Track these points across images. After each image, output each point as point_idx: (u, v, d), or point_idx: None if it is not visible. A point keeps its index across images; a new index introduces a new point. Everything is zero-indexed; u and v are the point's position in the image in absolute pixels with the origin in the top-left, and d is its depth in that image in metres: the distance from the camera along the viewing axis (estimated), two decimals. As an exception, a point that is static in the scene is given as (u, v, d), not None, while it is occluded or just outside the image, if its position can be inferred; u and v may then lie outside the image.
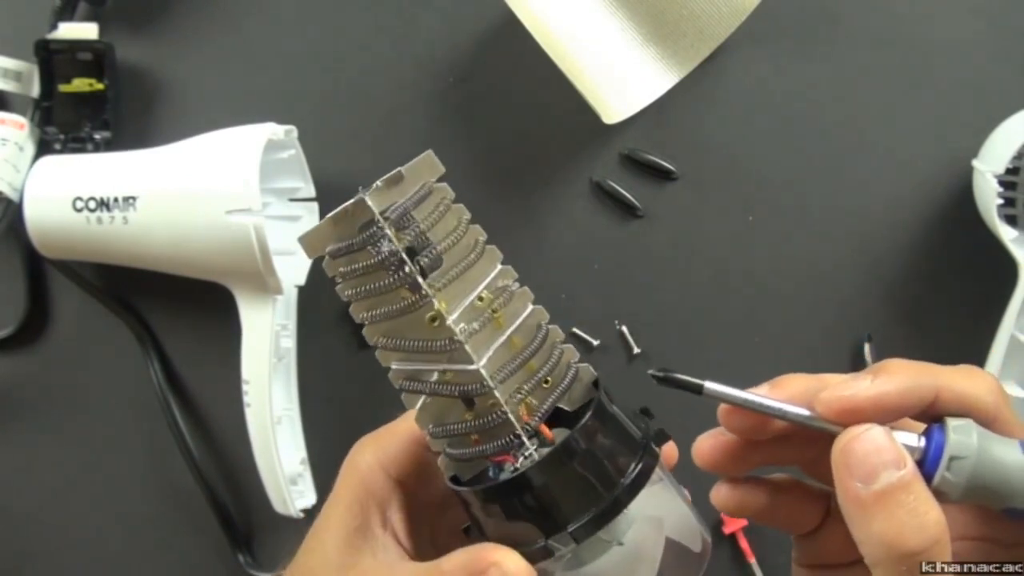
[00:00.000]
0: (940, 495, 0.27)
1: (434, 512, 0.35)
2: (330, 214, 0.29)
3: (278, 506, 0.53)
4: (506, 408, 0.29)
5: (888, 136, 0.54)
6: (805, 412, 0.28)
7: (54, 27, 0.55)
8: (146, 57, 0.56)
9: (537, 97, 0.55)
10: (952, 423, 0.27)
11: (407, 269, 0.28)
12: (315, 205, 0.55)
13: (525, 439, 0.29)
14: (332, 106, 0.56)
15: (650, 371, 0.29)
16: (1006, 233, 0.49)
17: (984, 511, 0.29)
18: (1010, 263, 0.50)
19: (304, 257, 0.55)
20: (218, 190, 0.48)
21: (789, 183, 0.54)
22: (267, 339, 0.51)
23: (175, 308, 0.57)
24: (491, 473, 0.30)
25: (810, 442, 0.29)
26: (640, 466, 0.29)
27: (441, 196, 0.30)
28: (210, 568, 0.57)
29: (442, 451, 0.30)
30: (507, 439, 0.29)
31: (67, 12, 0.55)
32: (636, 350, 0.54)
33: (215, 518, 0.56)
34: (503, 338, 0.30)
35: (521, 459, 0.29)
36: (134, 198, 0.50)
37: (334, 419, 0.56)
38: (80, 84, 0.55)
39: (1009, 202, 0.51)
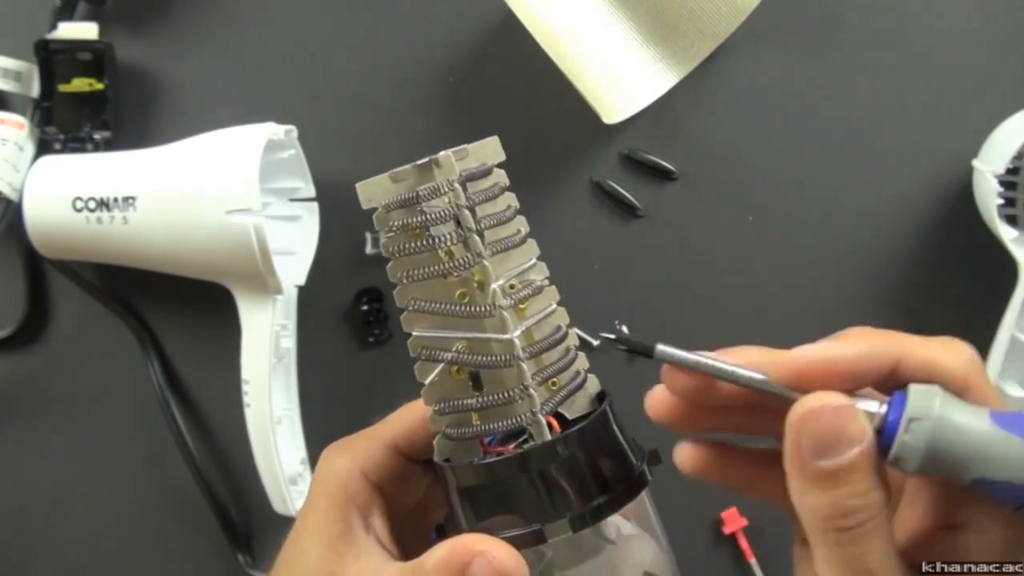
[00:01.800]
0: (900, 462, 0.25)
1: (410, 518, 0.34)
2: (393, 170, 0.29)
3: (278, 506, 0.53)
4: (529, 383, 0.29)
5: (888, 136, 0.54)
6: (759, 376, 0.27)
7: (54, 27, 0.54)
8: (146, 57, 0.56)
9: (537, 97, 0.55)
10: (915, 387, 0.26)
11: (471, 226, 0.29)
12: (315, 205, 0.55)
13: (540, 417, 0.29)
14: (332, 106, 0.56)
15: (602, 334, 0.29)
16: (1006, 233, 0.49)
17: (952, 494, 0.28)
18: (1010, 263, 0.50)
19: (304, 257, 0.56)
20: (218, 190, 0.48)
21: (789, 183, 0.54)
22: (267, 339, 0.51)
23: (175, 308, 0.57)
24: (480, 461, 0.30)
25: (761, 414, 0.29)
26: (639, 473, 0.29)
27: (498, 179, 0.31)
28: (210, 568, 0.57)
29: (441, 431, 0.30)
30: (521, 416, 0.29)
31: (67, 12, 0.55)
32: (636, 350, 0.54)
33: (215, 518, 0.56)
34: (527, 323, 0.30)
35: (515, 445, 0.29)
36: (134, 198, 0.50)
37: (334, 419, 0.56)
38: (80, 84, 0.55)
39: (1009, 202, 0.51)
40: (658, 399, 0.30)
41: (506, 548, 0.28)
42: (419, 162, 0.29)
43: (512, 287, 0.30)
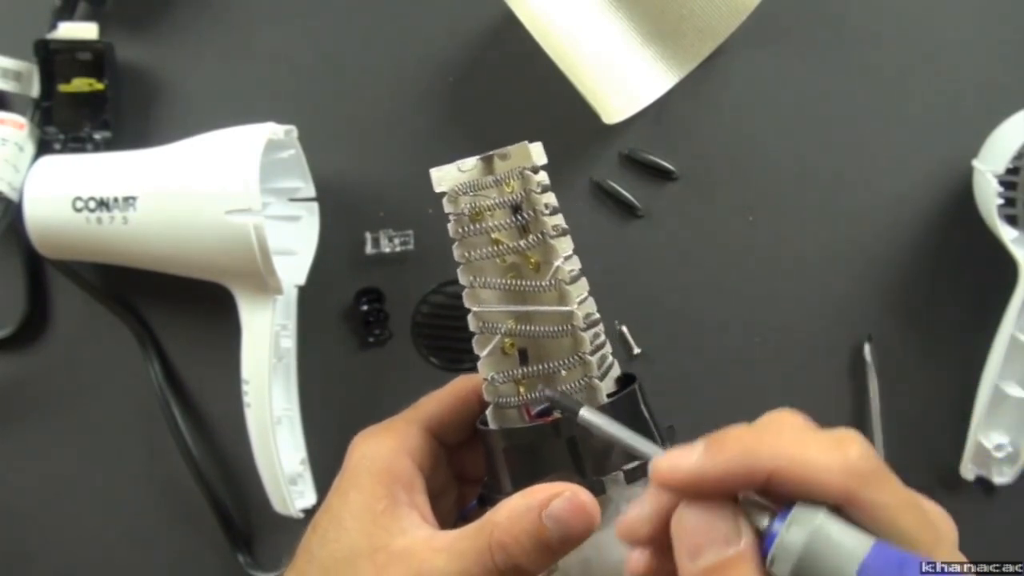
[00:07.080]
0: (775, 564, 0.24)
1: (433, 499, 0.36)
2: (459, 160, 0.33)
3: (278, 506, 0.53)
4: (587, 350, 0.32)
5: (888, 136, 0.54)
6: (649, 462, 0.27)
7: (54, 27, 0.54)
8: (146, 57, 0.56)
9: (537, 97, 0.55)
10: (797, 512, 0.24)
11: (541, 209, 0.32)
12: (315, 205, 0.55)
13: (596, 381, 0.32)
14: (332, 106, 0.56)
15: (539, 392, 0.32)
16: (1006, 233, 0.49)
17: None
18: (1010, 263, 0.50)
19: (304, 257, 0.56)
20: (218, 190, 0.48)
21: (789, 183, 0.54)
22: (267, 339, 0.51)
23: (175, 308, 0.57)
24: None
25: None
26: (669, 432, 0.33)
27: (542, 178, 0.34)
28: (210, 568, 0.57)
29: (494, 400, 0.32)
30: (577, 382, 0.32)
31: (67, 12, 0.55)
32: (636, 350, 0.54)
33: (215, 518, 0.56)
34: (579, 299, 0.33)
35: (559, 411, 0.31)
36: (134, 198, 0.50)
37: (334, 419, 0.56)
38: (80, 84, 0.55)
39: (1009, 202, 0.51)
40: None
41: (581, 488, 0.29)
42: (484, 155, 0.32)
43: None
